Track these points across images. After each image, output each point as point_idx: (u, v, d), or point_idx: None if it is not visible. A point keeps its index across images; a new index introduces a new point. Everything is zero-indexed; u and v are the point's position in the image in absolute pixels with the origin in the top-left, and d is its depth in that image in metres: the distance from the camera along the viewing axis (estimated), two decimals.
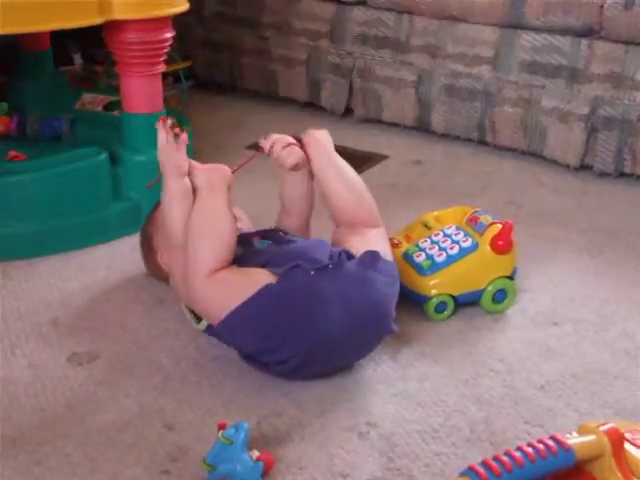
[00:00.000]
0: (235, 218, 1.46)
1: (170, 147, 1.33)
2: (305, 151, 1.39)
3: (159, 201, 1.45)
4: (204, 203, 1.27)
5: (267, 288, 1.17)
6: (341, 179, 1.40)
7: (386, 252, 1.30)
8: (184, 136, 1.34)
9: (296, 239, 1.36)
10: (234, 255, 1.26)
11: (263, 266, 1.22)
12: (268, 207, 1.48)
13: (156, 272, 1.46)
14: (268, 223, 1.47)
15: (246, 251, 1.31)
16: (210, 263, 1.20)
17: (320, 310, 1.16)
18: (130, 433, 1.12)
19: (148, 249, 1.47)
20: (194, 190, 1.30)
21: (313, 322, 1.15)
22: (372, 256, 1.25)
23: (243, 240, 1.34)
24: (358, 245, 1.29)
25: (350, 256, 1.25)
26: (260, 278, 1.19)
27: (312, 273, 1.19)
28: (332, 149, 1.42)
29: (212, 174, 1.31)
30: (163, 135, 1.33)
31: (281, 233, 1.39)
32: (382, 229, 1.37)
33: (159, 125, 1.34)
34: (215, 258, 1.20)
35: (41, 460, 1.07)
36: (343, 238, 1.33)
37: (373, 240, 1.32)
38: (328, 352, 1.19)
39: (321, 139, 1.41)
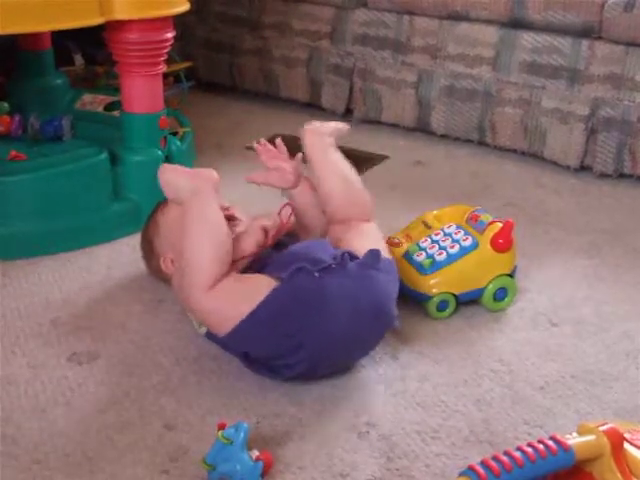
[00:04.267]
0: (236, 219, 1.46)
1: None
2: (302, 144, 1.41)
3: (159, 202, 1.45)
4: (194, 212, 1.25)
5: (275, 292, 1.16)
6: (336, 175, 1.40)
7: (383, 249, 1.30)
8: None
9: (295, 241, 1.36)
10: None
11: (262, 270, 1.22)
12: (270, 208, 1.47)
13: (157, 274, 1.46)
14: None
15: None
16: (209, 276, 1.18)
17: (328, 310, 1.16)
18: (130, 433, 1.12)
19: (150, 252, 1.45)
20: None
21: (322, 322, 1.15)
22: (374, 255, 1.24)
23: None
24: (358, 244, 1.28)
25: (352, 257, 1.24)
26: (263, 284, 1.18)
27: (316, 274, 1.18)
28: (329, 143, 1.43)
29: (197, 179, 1.30)
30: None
31: (282, 237, 1.38)
32: (374, 223, 1.37)
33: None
34: (214, 270, 1.19)
35: (41, 459, 1.07)
36: (342, 236, 1.32)
37: (372, 238, 1.32)
38: (336, 351, 1.19)
39: (317, 135, 1.43)
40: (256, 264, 1.26)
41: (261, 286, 1.18)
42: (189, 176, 1.32)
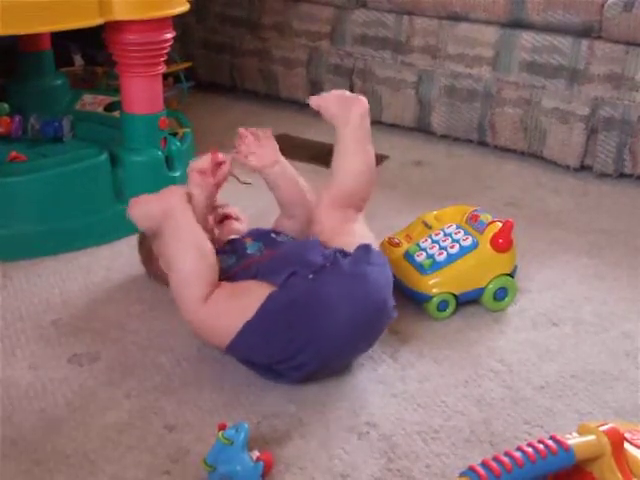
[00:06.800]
0: (231, 217, 1.46)
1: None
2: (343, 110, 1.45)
3: None
4: (170, 233, 1.25)
5: (270, 299, 1.16)
6: (363, 158, 1.40)
7: (371, 240, 1.29)
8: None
9: (286, 241, 1.35)
10: (224, 265, 1.27)
11: (254, 277, 1.21)
12: (267, 207, 1.48)
13: (158, 278, 1.46)
14: (268, 222, 1.47)
15: (237, 259, 1.30)
16: (198, 293, 1.19)
17: (326, 312, 1.15)
18: (131, 434, 1.12)
19: (149, 255, 1.46)
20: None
21: (321, 325, 1.15)
22: (365, 250, 1.23)
23: (235, 245, 1.34)
24: (352, 237, 1.26)
25: (344, 253, 1.23)
26: (258, 291, 1.18)
27: (310, 277, 1.17)
28: (368, 128, 1.45)
29: (163, 199, 1.29)
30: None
31: (273, 234, 1.38)
32: (362, 213, 1.36)
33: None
34: (201, 286, 1.20)
35: (41, 461, 1.07)
36: (336, 227, 1.30)
37: (364, 230, 1.31)
38: (340, 350, 1.19)
39: (364, 118, 1.46)
40: (248, 270, 1.25)
41: (256, 294, 1.17)
42: (155, 200, 1.30)
